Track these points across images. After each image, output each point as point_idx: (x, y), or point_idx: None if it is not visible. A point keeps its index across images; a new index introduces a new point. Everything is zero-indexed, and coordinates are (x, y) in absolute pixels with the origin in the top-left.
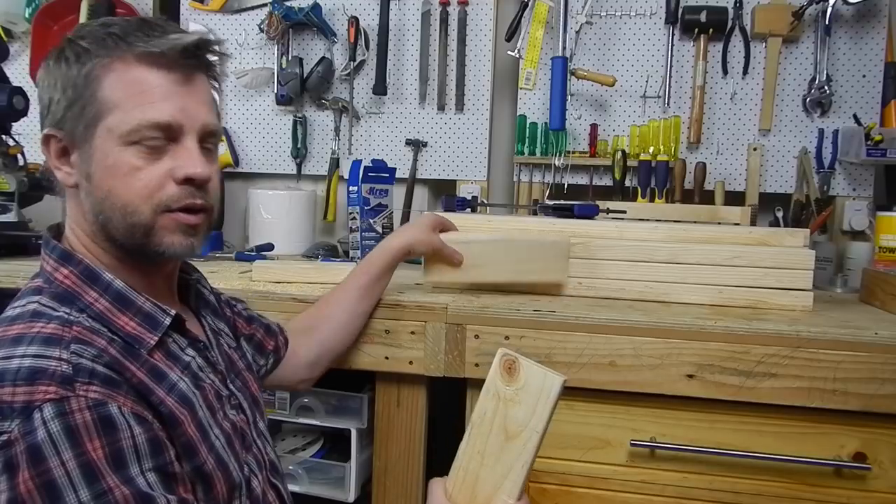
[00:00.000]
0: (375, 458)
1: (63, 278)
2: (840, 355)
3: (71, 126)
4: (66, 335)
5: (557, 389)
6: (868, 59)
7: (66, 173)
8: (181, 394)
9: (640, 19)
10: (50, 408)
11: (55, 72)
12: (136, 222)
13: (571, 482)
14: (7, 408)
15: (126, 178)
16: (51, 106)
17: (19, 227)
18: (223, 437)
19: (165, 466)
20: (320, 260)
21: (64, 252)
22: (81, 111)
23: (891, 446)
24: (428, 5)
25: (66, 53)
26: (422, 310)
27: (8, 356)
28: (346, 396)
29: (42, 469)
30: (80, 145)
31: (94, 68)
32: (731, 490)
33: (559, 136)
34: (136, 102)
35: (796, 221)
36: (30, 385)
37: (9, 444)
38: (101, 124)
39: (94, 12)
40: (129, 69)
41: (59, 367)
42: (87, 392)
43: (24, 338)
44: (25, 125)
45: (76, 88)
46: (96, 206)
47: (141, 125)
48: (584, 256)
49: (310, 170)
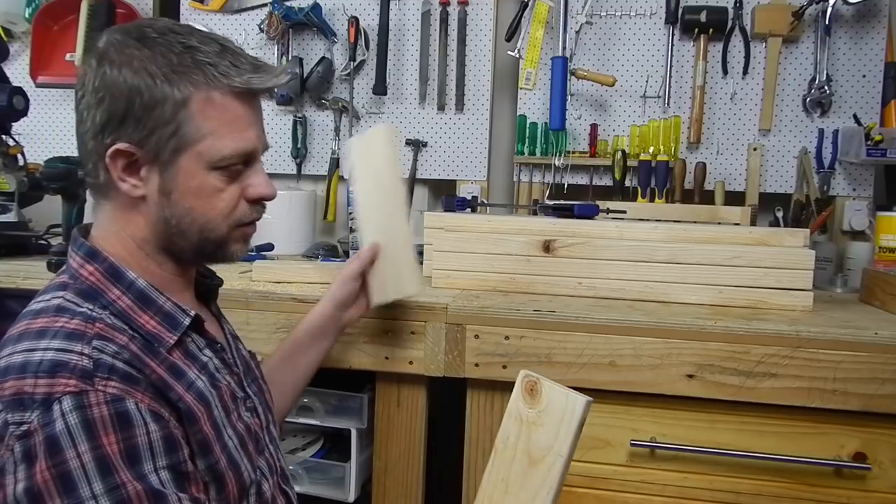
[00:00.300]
0: (375, 458)
1: (88, 275)
2: (840, 355)
3: (155, 146)
4: (88, 331)
5: (581, 410)
6: (868, 59)
7: (133, 185)
8: (199, 391)
9: (640, 19)
10: (69, 400)
11: (131, 84)
12: (212, 238)
13: (571, 482)
14: (28, 399)
15: (209, 199)
16: (125, 120)
17: (19, 227)
18: (236, 438)
19: (179, 465)
20: (320, 260)
21: (90, 249)
22: (173, 134)
23: (891, 446)
24: (428, 5)
25: (151, 70)
26: (422, 310)
27: (31, 348)
28: (346, 396)
29: (58, 460)
30: (162, 164)
31: (190, 96)
32: (731, 490)
33: (559, 136)
34: (227, 131)
35: (796, 221)
36: (51, 377)
37: (28, 435)
38: (192, 149)
39: (94, 12)
40: (224, 100)
41: (80, 362)
42: (106, 387)
43: (48, 331)
44: (25, 125)
45: (170, 111)
46: (171, 219)
47: (233, 154)
48: (584, 256)
49: (310, 170)
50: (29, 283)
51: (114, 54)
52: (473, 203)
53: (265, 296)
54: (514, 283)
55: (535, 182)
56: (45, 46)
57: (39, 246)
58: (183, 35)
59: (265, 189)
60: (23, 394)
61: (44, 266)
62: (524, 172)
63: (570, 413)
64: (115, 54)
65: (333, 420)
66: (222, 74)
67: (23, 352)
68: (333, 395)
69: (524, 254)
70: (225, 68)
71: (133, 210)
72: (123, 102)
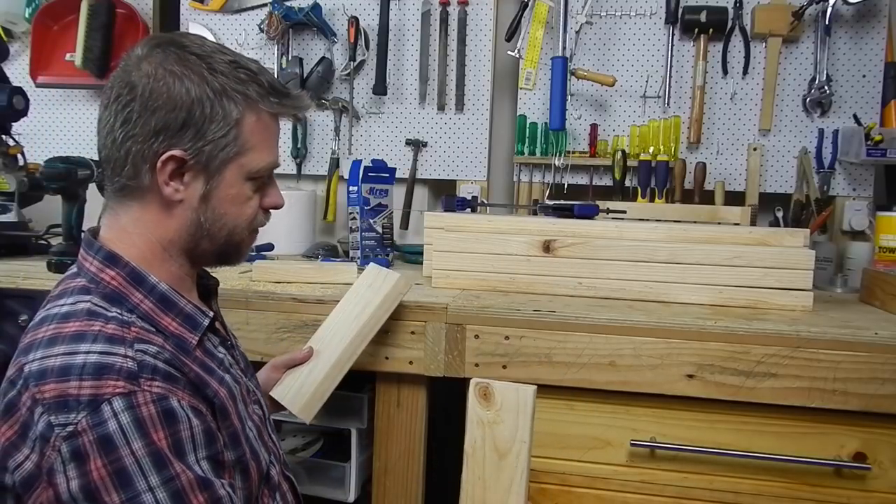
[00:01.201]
0: (375, 458)
1: (110, 279)
2: (840, 355)
3: (208, 156)
4: (127, 335)
5: (532, 399)
6: (868, 59)
7: (175, 189)
8: (228, 387)
9: (640, 19)
10: (119, 401)
11: (194, 96)
12: (234, 241)
13: (571, 482)
14: (73, 401)
15: (241, 206)
16: (183, 129)
17: (19, 227)
18: (255, 429)
19: (217, 455)
20: (320, 260)
21: (109, 254)
22: (225, 146)
23: (891, 446)
24: (428, 5)
25: (213, 85)
26: (422, 310)
27: (71, 352)
28: (346, 396)
29: (114, 457)
30: (209, 172)
31: (244, 113)
32: (732, 490)
33: (559, 136)
34: (265, 147)
35: (796, 221)
36: (97, 379)
37: (76, 435)
38: (237, 161)
39: (94, 12)
40: (267, 120)
41: (125, 364)
42: (151, 387)
43: (87, 335)
44: (25, 125)
45: (226, 126)
46: (205, 223)
47: (267, 167)
48: (584, 256)
49: (310, 170)
50: (29, 283)
51: (173, 65)
52: (473, 203)
53: (265, 296)
54: (514, 283)
55: (535, 182)
56: (45, 46)
57: (39, 246)
58: (227, 53)
59: (279, 199)
60: (67, 396)
61: (44, 266)
62: (524, 172)
63: (524, 404)
64: (175, 65)
65: (333, 420)
66: (268, 94)
67: (61, 355)
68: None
69: (524, 254)
70: (267, 88)
71: (165, 212)
72: (184, 113)
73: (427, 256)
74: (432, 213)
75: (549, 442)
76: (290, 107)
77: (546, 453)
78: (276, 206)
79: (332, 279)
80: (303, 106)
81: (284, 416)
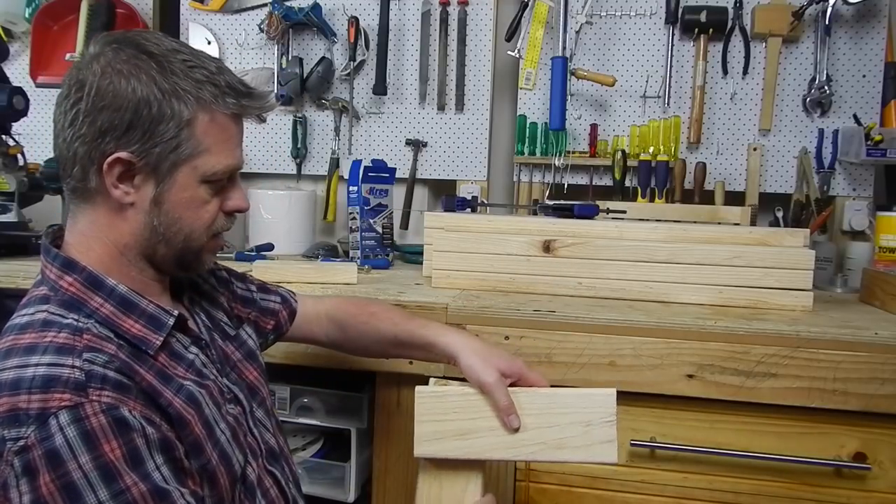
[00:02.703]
0: (375, 458)
1: (68, 286)
2: (840, 355)
3: (157, 158)
4: (77, 344)
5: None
6: (868, 59)
7: (125, 192)
8: (189, 394)
9: (640, 19)
10: (65, 414)
11: (140, 96)
12: (193, 246)
13: (571, 482)
14: (23, 414)
15: (197, 210)
16: (129, 130)
17: (19, 227)
18: (228, 431)
19: (176, 461)
20: (320, 260)
21: (66, 260)
22: (175, 148)
23: (891, 446)
24: (428, 5)
25: (161, 85)
26: (422, 309)
27: (22, 364)
28: (346, 396)
29: (61, 472)
30: (159, 175)
31: (196, 114)
32: (732, 490)
33: (559, 136)
34: (221, 149)
35: (796, 221)
36: (44, 392)
37: (26, 450)
38: (189, 163)
39: (94, 12)
40: (223, 120)
41: (72, 374)
42: (100, 397)
43: (38, 347)
44: (25, 125)
45: (176, 127)
46: (159, 227)
47: (224, 170)
48: (584, 256)
49: (310, 170)
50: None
51: (119, 64)
52: (473, 203)
53: None
54: (514, 283)
55: (535, 182)
56: (45, 46)
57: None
58: (184, 53)
59: (242, 202)
60: (17, 410)
61: None
62: (524, 172)
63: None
64: (122, 64)
65: (333, 420)
66: (224, 95)
67: (13, 368)
68: (333, 395)
69: (524, 254)
70: (225, 89)
71: (118, 216)
72: (130, 113)
73: (427, 256)
74: (432, 213)
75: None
76: (249, 107)
77: None
78: (238, 209)
79: (332, 279)
80: (264, 106)
81: (284, 416)
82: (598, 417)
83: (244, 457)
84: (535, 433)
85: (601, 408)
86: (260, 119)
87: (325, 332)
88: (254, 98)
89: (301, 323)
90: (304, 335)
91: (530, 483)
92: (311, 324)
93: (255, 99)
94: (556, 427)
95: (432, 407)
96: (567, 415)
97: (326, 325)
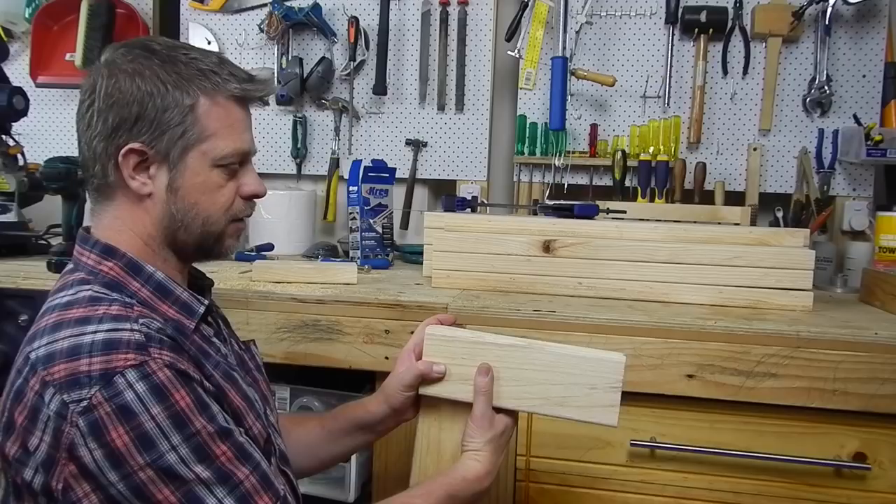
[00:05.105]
0: (375, 458)
1: (108, 270)
2: (840, 355)
3: (166, 146)
4: (131, 313)
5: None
6: (868, 59)
7: (142, 183)
8: (225, 370)
9: (640, 19)
10: (132, 372)
11: (144, 89)
12: (212, 231)
13: (571, 482)
14: (84, 377)
15: (212, 194)
16: (138, 122)
17: (19, 227)
18: (261, 407)
19: (226, 412)
20: (320, 260)
21: (106, 247)
22: (182, 135)
23: (891, 446)
24: (428, 5)
25: (162, 77)
26: (422, 309)
27: (78, 333)
28: (346, 396)
29: (134, 424)
30: (170, 162)
31: (198, 100)
32: (732, 490)
33: (559, 136)
34: (228, 133)
35: (796, 221)
36: (106, 354)
37: (91, 409)
38: (198, 148)
39: (93, 12)
40: (226, 104)
41: (133, 336)
42: (161, 355)
43: (92, 318)
44: (25, 125)
45: (180, 114)
46: (177, 214)
47: (233, 153)
48: (584, 256)
49: (310, 170)
50: (29, 284)
51: (125, 64)
52: (473, 203)
53: (265, 296)
54: (514, 283)
55: (535, 182)
56: (45, 46)
57: (39, 246)
58: (185, 48)
59: (257, 187)
60: (78, 374)
61: (44, 266)
62: (524, 172)
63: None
64: (127, 64)
65: None
66: (225, 81)
67: (68, 338)
68: (333, 395)
69: (524, 254)
70: (226, 76)
71: (139, 207)
72: (136, 106)
73: (427, 256)
74: (432, 213)
75: (549, 442)
76: (250, 90)
77: (546, 453)
78: (255, 194)
79: (332, 279)
80: (264, 89)
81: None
82: (604, 381)
83: (271, 439)
84: (539, 388)
85: (609, 373)
86: (262, 102)
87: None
88: (255, 82)
89: None
90: None
91: (530, 483)
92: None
93: (256, 83)
94: (561, 385)
95: (441, 349)
96: (574, 375)
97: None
